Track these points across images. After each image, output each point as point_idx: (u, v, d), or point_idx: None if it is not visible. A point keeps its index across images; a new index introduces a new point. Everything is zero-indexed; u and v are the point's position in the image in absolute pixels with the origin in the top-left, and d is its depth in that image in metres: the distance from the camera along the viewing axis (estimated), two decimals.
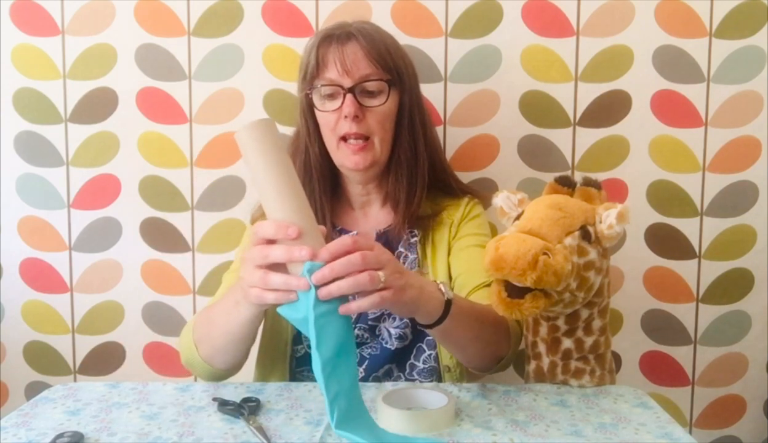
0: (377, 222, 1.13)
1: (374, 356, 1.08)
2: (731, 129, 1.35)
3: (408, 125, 1.09)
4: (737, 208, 1.37)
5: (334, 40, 1.06)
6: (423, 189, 1.11)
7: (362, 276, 0.73)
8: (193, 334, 0.97)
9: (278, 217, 0.76)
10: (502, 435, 0.78)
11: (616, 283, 1.38)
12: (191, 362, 0.99)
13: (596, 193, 0.94)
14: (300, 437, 0.78)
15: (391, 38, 1.10)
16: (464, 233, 1.12)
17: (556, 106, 1.35)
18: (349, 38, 1.05)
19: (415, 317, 0.85)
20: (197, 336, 0.97)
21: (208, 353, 0.96)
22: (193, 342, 0.97)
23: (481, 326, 0.93)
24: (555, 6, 1.33)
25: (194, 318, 1.00)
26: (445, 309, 0.85)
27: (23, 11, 1.36)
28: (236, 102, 1.36)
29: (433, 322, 0.85)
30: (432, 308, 0.84)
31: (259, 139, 0.77)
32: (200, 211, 1.39)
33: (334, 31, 1.07)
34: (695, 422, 1.43)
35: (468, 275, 1.07)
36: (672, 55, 1.33)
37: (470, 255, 1.08)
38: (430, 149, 1.13)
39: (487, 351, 0.97)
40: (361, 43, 1.05)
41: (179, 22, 1.35)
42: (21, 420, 0.83)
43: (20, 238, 1.41)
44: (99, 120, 1.38)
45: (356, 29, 1.07)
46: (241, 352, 0.96)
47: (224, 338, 0.92)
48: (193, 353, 0.97)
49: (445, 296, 0.85)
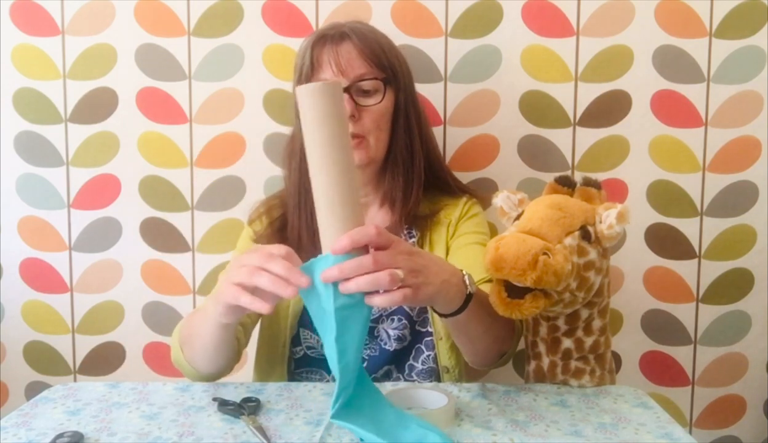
0: (375, 223, 1.12)
1: (373, 357, 1.08)
2: (731, 129, 1.35)
3: (404, 124, 1.09)
4: (737, 208, 1.37)
5: (328, 40, 1.05)
6: (420, 187, 1.11)
7: (382, 275, 0.71)
8: (180, 335, 0.98)
9: (318, 183, 0.73)
10: (502, 435, 0.78)
11: (616, 283, 1.38)
12: (178, 362, 0.99)
13: (596, 193, 0.94)
14: (300, 437, 0.78)
15: (384, 37, 1.10)
16: (462, 232, 1.12)
17: (556, 106, 1.35)
18: (343, 38, 1.05)
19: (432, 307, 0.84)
20: (182, 338, 0.97)
21: (190, 356, 0.96)
22: (179, 343, 0.97)
23: (492, 320, 0.92)
24: (555, 6, 1.33)
25: (183, 319, 1.01)
26: (465, 301, 0.84)
27: (23, 11, 1.36)
28: (236, 102, 1.36)
29: (450, 313, 0.84)
30: (451, 300, 0.82)
31: (315, 104, 0.72)
32: (200, 211, 1.39)
33: (328, 32, 1.07)
34: (695, 422, 1.43)
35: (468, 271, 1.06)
36: (672, 55, 1.33)
37: (468, 253, 1.08)
38: (426, 148, 1.13)
39: (494, 345, 0.96)
40: (355, 42, 1.05)
41: (179, 22, 1.35)
42: (21, 420, 0.83)
43: (20, 238, 1.41)
44: (99, 120, 1.38)
45: (350, 29, 1.06)
46: (223, 358, 0.94)
47: (201, 343, 0.91)
48: (179, 354, 0.97)
49: (468, 289, 0.84)
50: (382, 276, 0.71)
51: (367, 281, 0.70)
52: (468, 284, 0.84)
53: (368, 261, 0.71)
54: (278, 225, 1.13)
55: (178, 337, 0.98)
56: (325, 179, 0.73)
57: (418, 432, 0.74)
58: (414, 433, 0.74)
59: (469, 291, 0.84)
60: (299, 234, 1.07)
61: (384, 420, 0.75)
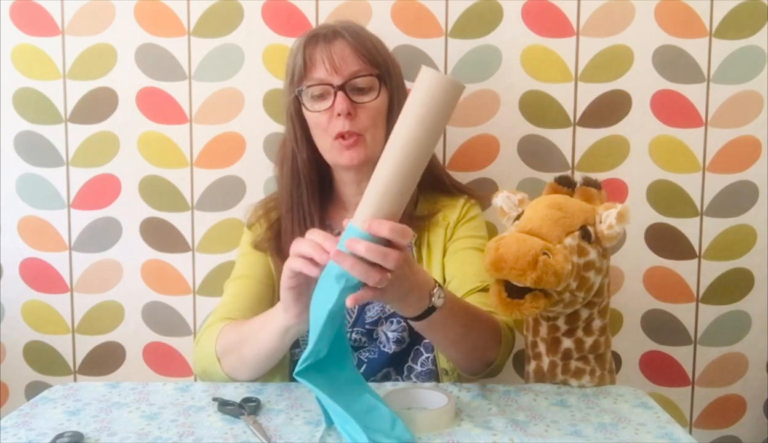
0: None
1: (372, 360, 1.08)
2: (731, 129, 1.35)
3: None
4: (737, 208, 1.37)
5: (321, 38, 1.05)
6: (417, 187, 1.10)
7: (381, 276, 0.73)
8: (216, 346, 0.96)
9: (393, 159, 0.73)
10: (502, 435, 0.78)
11: (616, 283, 1.38)
12: (209, 372, 0.97)
13: (596, 193, 0.94)
14: (300, 437, 0.78)
15: (375, 36, 1.10)
16: (460, 235, 1.11)
17: (556, 106, 1.35)
18: (335, 36, 1.05)
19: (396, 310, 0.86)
20: (222, 349, 0.96)
21: (233, 366, 0.95)
22: (215, 354, 0.96)
23: (467, 330, 0.92)
24: (555, 6, 1.33)
25: (216, 329, 0.99)
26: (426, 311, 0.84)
27: (23, 11, 1.36)
28: (236, 102, 1.36)
29: (411, 317, 0.85)
30: (406, 308, 0.83)
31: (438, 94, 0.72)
32: (200, 211, 1.39)
33: (320, 31, 1.07)
34: (695, 422, 1.43)
35: (462, 278, 1.06)
36: (672, 55, 1.33)
37: (465, 258, 1.08)
38: None
39: (473, 353, 0.96)
40: (348, 40, 1.04)
41: (179, 22, 1.35)
42: (21, 420, 0.83)
43: (20, 238, 1.41)
44: (99, 120, 1.38)
45: (341, 27, 1.06)
46: (268, 367, 0.95)
47: (255, 351, 0.91)
48: (215, 365, 0.96)
49: (430, 302, 0.83)
50: (378, 277, 0.73)
51: (360, 271, 0.72)
52: (434, 297, 0.83)
53: (391, 259, 0.73)
54: (276, 228, 1.13)
55: (214, 349, 0.96)
56: (401, 161, 0.73)
57: (370, 402, 0.79)
58: (366, 402, 0.79)
59: (433, 304, 0.83)
60: (293, 239, 1.06)
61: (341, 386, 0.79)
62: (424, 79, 0.73)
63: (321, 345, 0.77)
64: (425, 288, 0.83)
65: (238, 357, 0.94)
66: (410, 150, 0.73)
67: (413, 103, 0.73)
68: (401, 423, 0.76)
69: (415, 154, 0.73)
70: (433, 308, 0.84)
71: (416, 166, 0.74)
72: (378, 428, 0.75)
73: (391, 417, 0.77)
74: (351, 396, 0.78)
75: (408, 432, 0.76)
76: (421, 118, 0.72)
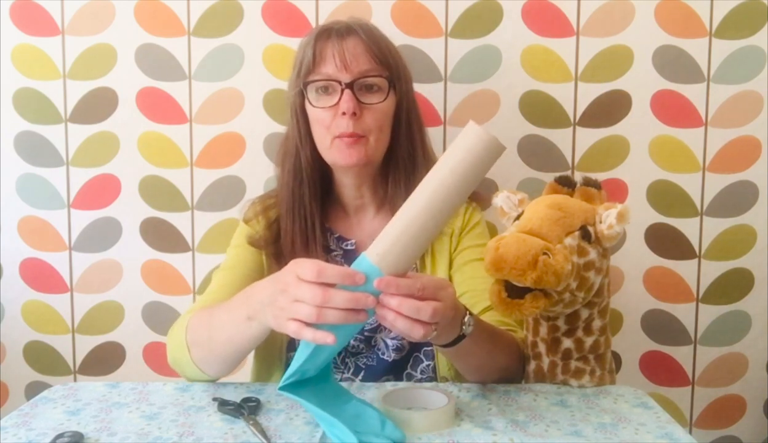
0: (372, 230, 1.08)
1: (371, 367, 1.06)
2: (731, 129, 1.35)
3: (406, 128, 1.06)
4: (737, 208, 1.37)
5: (334, 33, 1.02)
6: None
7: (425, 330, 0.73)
8: (187, 335, 0.93)
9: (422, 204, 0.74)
10: (502, 435, 0.78)
11: (616, 283, 1.38)
12: (179, 361, 0.95)
13: (596, 193, 0.94)
14: (300, 437, 0.78)
15: (389, 39, 1.08)
16: (466, 245, 1.09)
17: (556, 106, 1.35)
18: (349, 32, 1.02)
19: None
20: (192, 338, 0.92)
21: (202, 357, 0.92)
22: (185, 342, 0.93)
23: (492, 354, 0.92)
24: (555, 6, 1.33)
25: (188, 318, 0.95)
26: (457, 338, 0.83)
27: (23, 11, 1.36)
28: (236, 102, 1.36)
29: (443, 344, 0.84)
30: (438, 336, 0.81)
31: (477, 151, 0.75)
32: (200, 211, 1.39)
33: (333, 26, 1.03)
34: (695, 422, 1.43)
35: (474, 294, 1.03)
36: (672, 55, 1.33)
37: (474, 271, 1.05)
38: (427, 156, 1.09)
39: (497, 375, 0.95)
40: (362, 37, 1.01)
41: (179, 22, 1.35)
42: (21, 420, 0.83)
43: (20, 238, 1.41)
44: (99, 120, 1.38)
45: (356, 24, 1.04)
46: (239, 363, 0.93)
47: (227, 348, 0.88)
48: (184, 353, 0.93)
49: (461, 330, 0.83)
50: (427, 332, 0.73)
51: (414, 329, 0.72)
52: (464, 326, 0.83)
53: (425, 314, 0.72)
54: (275, 229, 1.09)
55: (185, 337, 0.93)
56: (427, 205, 0.74)
57: (357, 406, 0.79)
58: (353, 408, 0.79)
59: (463, 332, 0.83)
60: (292, 239, 1.06)
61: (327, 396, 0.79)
62: (469, 134, 0.75)
63: (309, 366, 0.76)
64: (458, 316, 0.82)
65: (209, 350, 0.91)
66: (438, 196, 0.74)
67: (452, 154, 0.75)
68: (391, 423, 0.76)
69: (441, 201, 0.74)
70: (463, 336, 0.83)
71: (441, 213, 0.75)
72: (368, 430, 0.75)
73: (380, 418, 0.77)
74: (337, 405, 0.79)
75: (398, 431, 0.76)
76: (456, 170, 0.75)
